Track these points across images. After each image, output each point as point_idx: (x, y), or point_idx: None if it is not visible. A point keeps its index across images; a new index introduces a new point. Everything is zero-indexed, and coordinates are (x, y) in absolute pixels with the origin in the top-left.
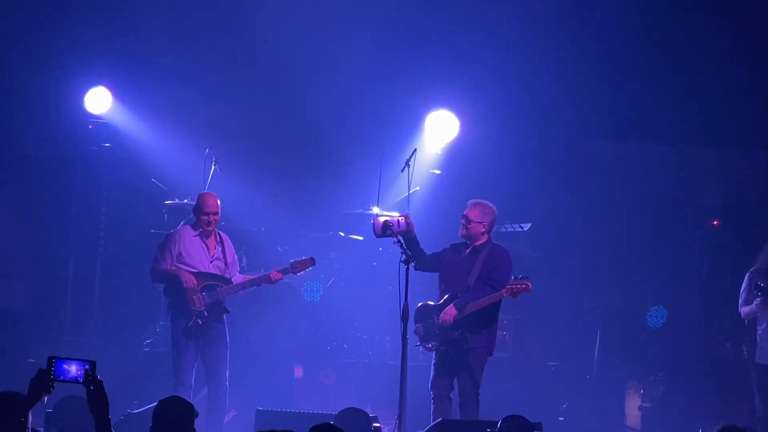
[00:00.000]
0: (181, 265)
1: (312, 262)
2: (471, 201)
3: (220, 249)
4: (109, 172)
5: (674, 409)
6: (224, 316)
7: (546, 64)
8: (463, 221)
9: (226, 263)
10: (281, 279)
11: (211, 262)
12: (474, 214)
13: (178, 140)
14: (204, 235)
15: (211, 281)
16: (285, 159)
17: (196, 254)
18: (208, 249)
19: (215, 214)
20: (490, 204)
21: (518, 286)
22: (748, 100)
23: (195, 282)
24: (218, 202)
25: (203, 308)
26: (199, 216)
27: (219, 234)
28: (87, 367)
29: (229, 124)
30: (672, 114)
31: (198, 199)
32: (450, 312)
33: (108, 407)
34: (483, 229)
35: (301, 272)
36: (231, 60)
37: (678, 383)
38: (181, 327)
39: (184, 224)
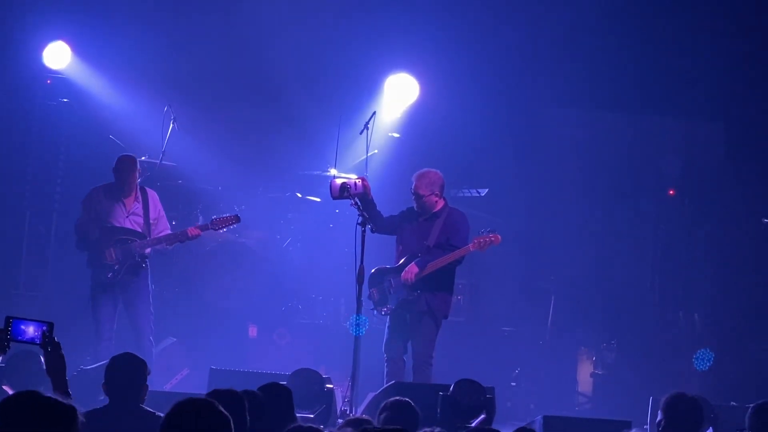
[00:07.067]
0: (98, 221)
1: (236, 219)
2: (415, 175)
3: (139, 205)
4: (66, 128)
5: (626, 376)
6: (144, 271)
7: (508, 29)
8: (414, 197)
9: (147, 220)
10: (199, 235)
11: (127, 217)
12: (422, 188)
13: (137, 97)
14: (121, 191)
15: (123, 236)
16: (244, 119)
17: (111, 210)
18: (124, 205)
19: (128, 179)
20: (433, 170)
21: (486, 240)
22: (706, 70)
23: (99, 235)
24: (136, 165)
25: (113, 261)
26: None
27: (145, 190)
28: (45, 328)
29: (189, 81)
30: (632, 83)
31: (117, 160)
32: (412, 270)
33: (65, 369)
34: (436, 198)
35: (223, 229)
36: (191, 17)
37: (630, 351)
38: (95, 280)
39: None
